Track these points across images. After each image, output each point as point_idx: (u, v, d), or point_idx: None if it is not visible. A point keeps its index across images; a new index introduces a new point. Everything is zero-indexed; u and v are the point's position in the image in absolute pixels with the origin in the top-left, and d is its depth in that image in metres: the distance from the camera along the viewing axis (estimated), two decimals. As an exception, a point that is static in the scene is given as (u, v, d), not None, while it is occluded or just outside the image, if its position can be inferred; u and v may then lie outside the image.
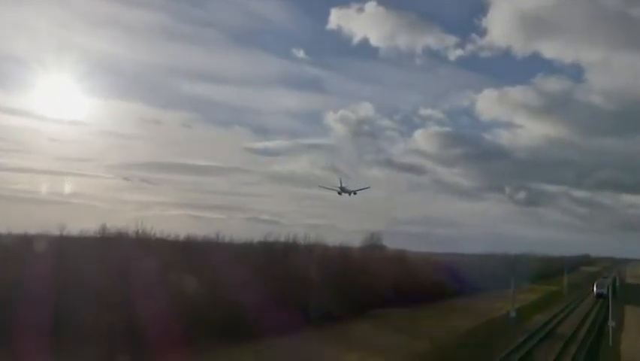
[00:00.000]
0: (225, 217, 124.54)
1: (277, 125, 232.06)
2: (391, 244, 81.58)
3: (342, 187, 71.39)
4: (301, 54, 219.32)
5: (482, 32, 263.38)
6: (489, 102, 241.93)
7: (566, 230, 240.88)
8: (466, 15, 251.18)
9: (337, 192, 71.35)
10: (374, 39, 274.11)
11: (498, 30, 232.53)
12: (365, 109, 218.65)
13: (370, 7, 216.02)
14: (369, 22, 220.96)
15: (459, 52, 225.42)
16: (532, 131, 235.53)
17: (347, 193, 71.34)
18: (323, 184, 79.73)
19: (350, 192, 71.67)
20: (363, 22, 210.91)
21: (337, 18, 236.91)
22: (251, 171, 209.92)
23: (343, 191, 71.06)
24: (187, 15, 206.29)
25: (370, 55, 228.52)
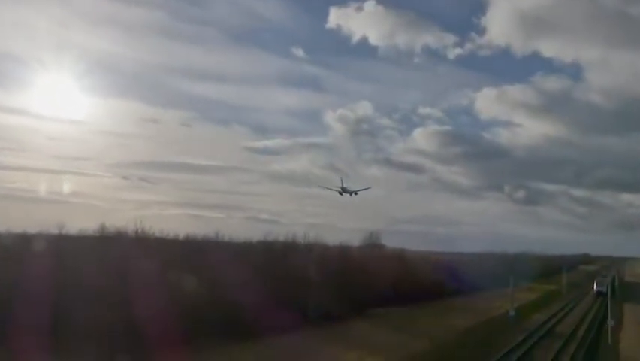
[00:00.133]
0: (225, 216, 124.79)
1: (276, 124, 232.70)
2: (390, 243, 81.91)
3: (343, 187, 71.34)
4: (300, 53, 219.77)
5: (481, 31, 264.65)
6: (488, 101, 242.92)
7: (565, 229, 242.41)
8: (466, 14, 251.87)
9: (338, 192, 71.29)
10: (373, 38, 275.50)
11: (497, 29, 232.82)
12: (364, 108, 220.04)
13: (369, 5, 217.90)
14: (369, 21, 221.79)
15: (458, 50, 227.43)
16: (531, 130, 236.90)
17: (348, 193, 71.32)
18: (323, 183, 79.94)
19: (351, 193, 71.63)
20: (362, 21, 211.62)
21: (336, 17, 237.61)
22: (250, 170, 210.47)
23: (344, 191, 71.02)
24: (186, 14, 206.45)
25: (369, 54, 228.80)
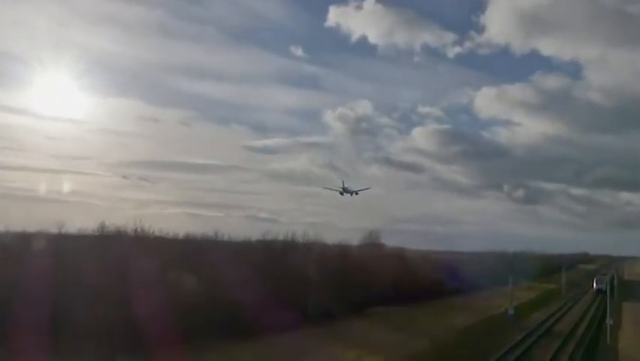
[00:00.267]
0: (224, 215, 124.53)
1: (276, 123, 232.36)
2: (390, 242, 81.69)
3: (344, 188, 71.43)
4: (299, 52, 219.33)
5: (481, 29, 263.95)
6: (487, 100, 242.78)
7: (565, 228, 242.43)
8: (465, 12, 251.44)
9: (339, 192, 71.40)
10: (372, 36, 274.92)
11: (496, 27, 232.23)
12: (363, 107, 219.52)
13: (369, 4, 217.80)
14: (368, 19, 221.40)
15: (457, 49, 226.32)
16: (530, 129, 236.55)
17: (349, 194, 71.41)
18: (322, 182, 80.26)
19: (352, 193, 71.74)
20: (361, 19, 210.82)
21: (336, 15, 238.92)
22: (250, 169, 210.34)
23: (345, 191, 71.10)
24: (185, 13, 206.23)
25: (369, 52, 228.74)
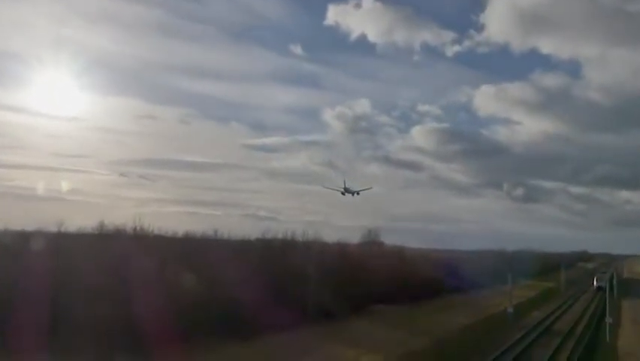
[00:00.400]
0: (223, 214, 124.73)
1: (275, 121, 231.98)
2: (389, 241, 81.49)
3: (345, 188, 71.43)
4: (299, 50, 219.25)
5: (480, 28, 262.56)
6: (487, 98, 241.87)
7: (564, 226, 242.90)
8: (464, 11, 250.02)
9: (341, 192, 71.42)
10: (372, 35, 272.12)
11: (496, 26, 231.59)
12: (362, 105, 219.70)
13: (368, 2, 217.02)
14: (367, 18, 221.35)
15: (456, 48, 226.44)
16: (529, 128, 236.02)
17: (350, 193, 71.42)
18: (321, 181, 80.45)
19: (353, 193, 71.75)
20: (360, 18, 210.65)
21: (335, 14, 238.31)
22: (249, 167, 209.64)
23: (347, 191, 71.08)
24: (185, 11, 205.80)
25: (368, 51, 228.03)
